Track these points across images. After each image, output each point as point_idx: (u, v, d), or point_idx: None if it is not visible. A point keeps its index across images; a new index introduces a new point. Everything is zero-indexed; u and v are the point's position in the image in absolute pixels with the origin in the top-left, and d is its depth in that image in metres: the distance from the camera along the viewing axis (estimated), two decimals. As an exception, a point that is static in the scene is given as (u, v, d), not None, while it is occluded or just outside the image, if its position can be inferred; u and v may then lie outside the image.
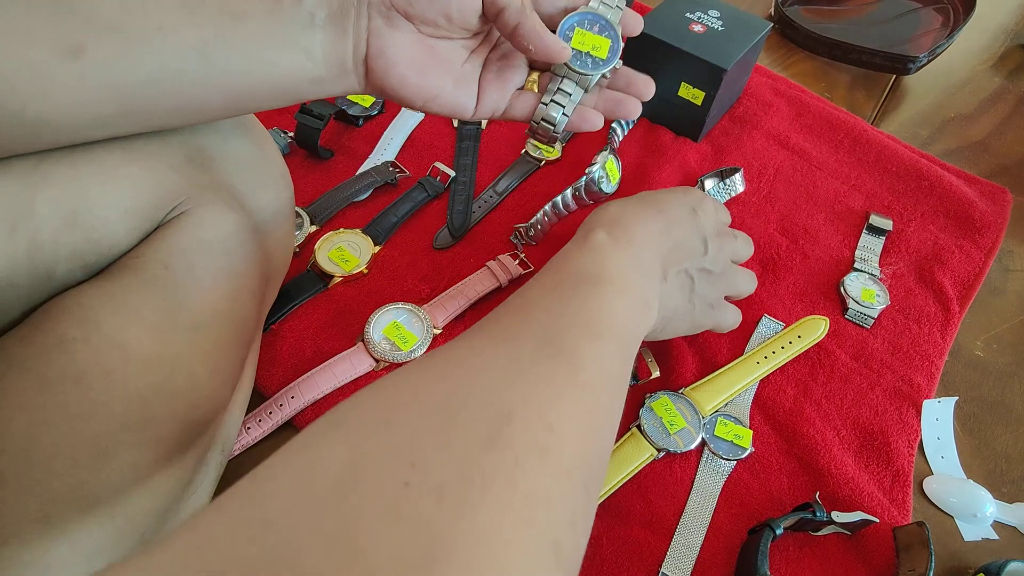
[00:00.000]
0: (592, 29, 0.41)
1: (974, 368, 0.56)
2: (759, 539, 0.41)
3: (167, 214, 0.35)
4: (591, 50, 0.40)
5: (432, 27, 0.36)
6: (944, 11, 0.91)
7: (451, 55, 0.38)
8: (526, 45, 0.37)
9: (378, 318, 0.50)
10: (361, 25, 0.34)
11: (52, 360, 0.29)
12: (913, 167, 0.69)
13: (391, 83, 0.36)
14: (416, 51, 0.36)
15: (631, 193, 0.63)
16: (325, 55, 0.34)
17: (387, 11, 0.34)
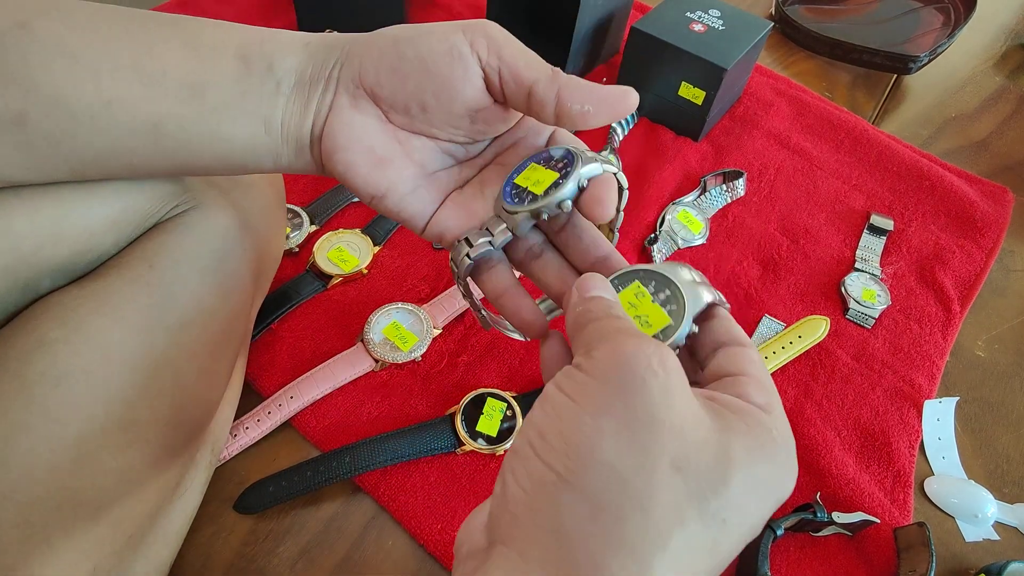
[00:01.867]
0: (551, 165, 0.30)
1: (975, 368, 0.56)
2: (759, 539, 0.41)
3: (158, 219, 0.34)
4: (532, 186, 0.29)
5: (404, 116, 0.30)
6: (945, 10, 0.91)
7: (426, 157, 0.32)
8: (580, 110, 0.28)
9: (378, 318, 0.50)
10: (325, 100, 0.30)
11: (32, 361, 0.29)
12: (914, 167, 0.69)
13: (336, 168, 0.30)
14: (377, 141, 0.30)
15: (631, 192, 0.63)
16: (285, 131, 0.30)
17: (354, 89, 0.29)
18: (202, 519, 0.41)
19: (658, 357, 0.20)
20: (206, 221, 0.35)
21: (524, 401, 0.46)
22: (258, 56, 0.29)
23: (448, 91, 0.29)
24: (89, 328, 0.30)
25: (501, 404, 0.46)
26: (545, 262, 0.31)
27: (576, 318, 0.24)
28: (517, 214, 0.29)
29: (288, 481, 0.42)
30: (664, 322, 0.26)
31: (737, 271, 0.59)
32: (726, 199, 0.65)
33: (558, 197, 0.28)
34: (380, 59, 0.29)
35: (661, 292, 0.27)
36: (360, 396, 0.47)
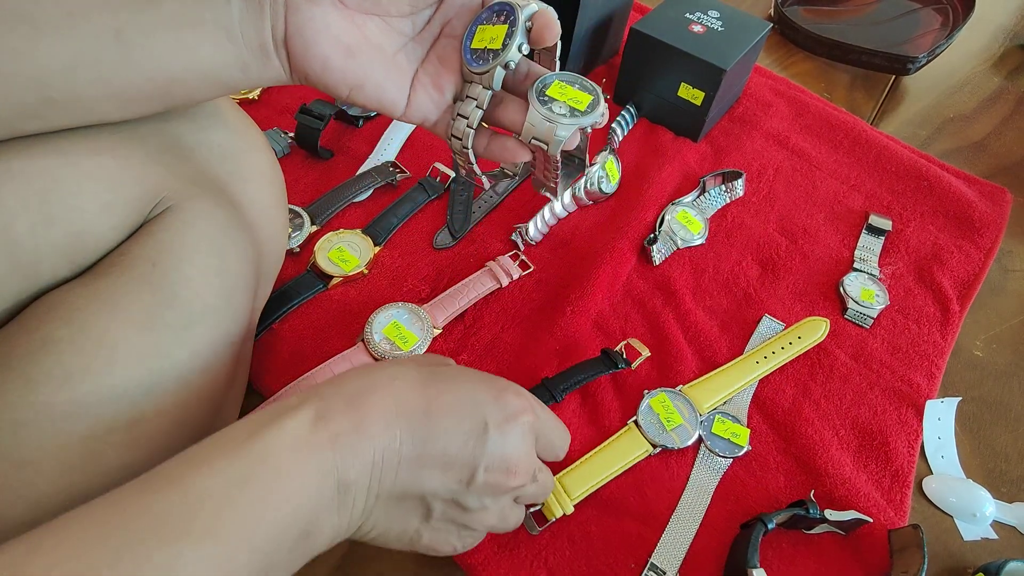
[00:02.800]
0: (494, 21, 0.34)
1: (973, 368, 0.56)
2: (751, 532, 0.41)
3: (153, 208, 0.34)
4: (489, 42, 0.34)
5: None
6: (944, 11, 0.91)
7: (382, 39, 0.33)
8: None
9: (378, 318, 0.50)
10: (278, 1, 0.30)
11: (37, 361, 0.29)
12: (912, 167, 0.69)
13: (312, 67, 0.31)
14: (341, 29, 0.32)
15: (631, 192, 0.63)
16: (245, 35, 0.30)
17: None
18: (203, 518, 0.41)
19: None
20: (205, 218, 0.35)
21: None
22: None
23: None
24: (94, 327, 0.30)
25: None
26: (507, 106, 0.35)
27: None
28: (487, 72, 0.33)
29: None
30: (589, 98, 0.35)
31: (736, 271, 0.59)
32: (725, 199, 0.65)
33: (516, 42, 0.33)
34: None
35: (575, 83, 0.35)
36: (361, 396, 0.47)
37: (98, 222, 0.32)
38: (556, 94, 0.35)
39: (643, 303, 0.56)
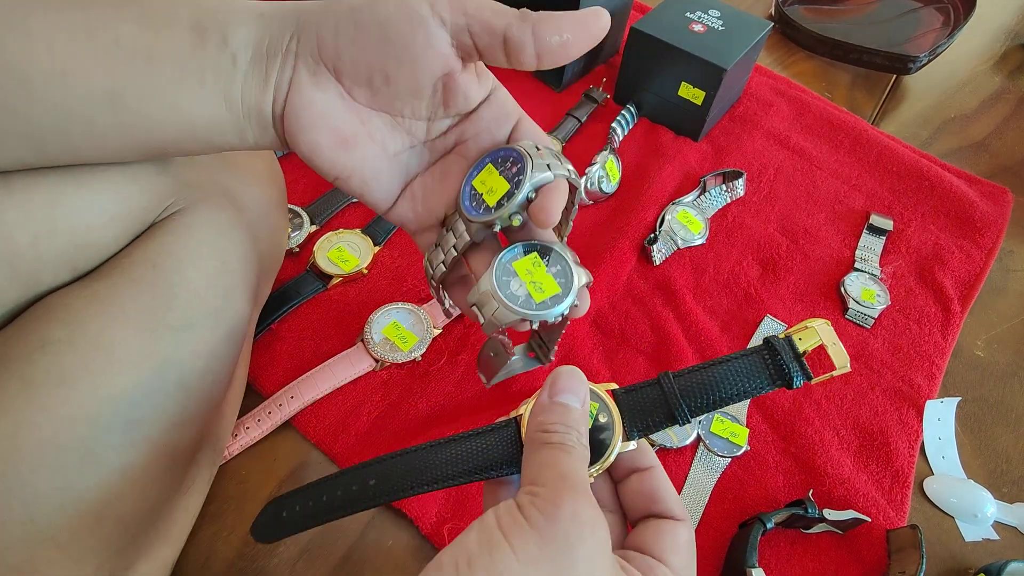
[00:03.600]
0: (503, 169, 0.31)
1: (974, 368, 0.56)
2: (749, 532, 0.41)
3: (158, 216, 0.34)
4: (486, 194, 0.31)
5: (366, 89, 0.29)
6: (944, 11, 0.91)
7: (386, 136, 0.32)
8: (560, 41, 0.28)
9: (378, 318, 0.50)
10: (284, 75, 0.29)
11: (36, 362, 0.29)
12: (913, 167, 0.69)
13: (300, 148, 0.30)
14: (341, 120, 0.30)
15: (631, 192, 0.63)
16: (245, 105, 0.29)
17: (314, 64, 0.29)
18: (203, 518, 0.41)
19: (591, 525, 0.21)
20: (207, 220, 0.35)
21: (627, 400, 0.29)
22: (212, 27, 0.28)
23: (411, 58, 0.28)
24: (93, 328, 0.30)
25: (593, 405, 0.28)
26: (480, 252, 0.33)
27: (538, 427, 0.26)
28: (472, 224, 0.31)
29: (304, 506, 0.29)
30: (555, 290, 0.31)
31: (737, 271, 0.59)
32: (726, 199, 0.65)
33: (509, 210, 0.30)
34: (338, 29, 0.28)
35: (553, 266, 0.32)
36: (360, 396, 0.47)
37: (103, 233, 0.32)
38: (523, 271, 0.31)
39: (643, 303, 0.56)
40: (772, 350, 0.27)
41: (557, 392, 0.26)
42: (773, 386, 0.27)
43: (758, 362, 0.27)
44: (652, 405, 0.28)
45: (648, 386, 0.28)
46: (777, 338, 0.27)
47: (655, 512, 0.27)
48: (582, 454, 0.25)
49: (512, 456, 0.27)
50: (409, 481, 0.27)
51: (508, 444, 0.27)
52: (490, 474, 0.27)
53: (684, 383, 0.28)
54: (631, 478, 0.29)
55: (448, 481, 0.27)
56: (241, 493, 0.43)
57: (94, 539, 0.30)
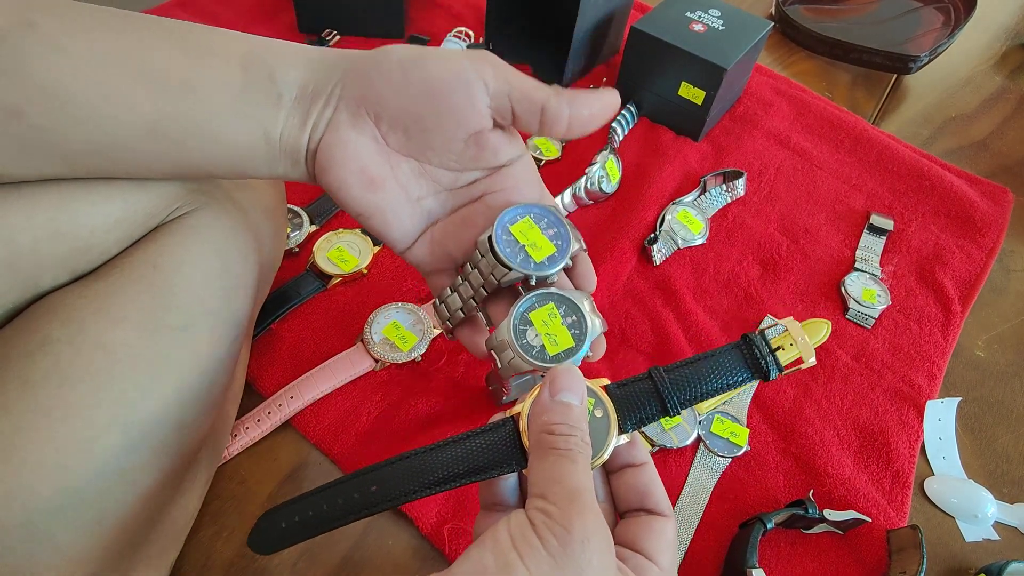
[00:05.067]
0: (544, 227, 0.34)
1: (975, 368, 0.56)
2: (749, 532, 0.41)
3: (163, 219, 0.34)
4: (529, 247, 0.33)
5: (402, 136, 0.31)
6: (945, 10, 0.91)
7: (412, 182, 0.33)
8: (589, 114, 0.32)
9: (377, 318, 0.50)
10: (324, 115, 0.30)
11: (35, 362, 0.29)
12: (914, 167, 0.69)
13: (329, 183, 0.31)
14: (371, 161, 0.31)
15: (631, 192, 0.63)
16: (283, 141, 0.30)
17: (356, 108, 0.30)
18: (203, 518, 0.41)
19: (599, 548, 0.23)
20: (210, 222, 0.35)
21: (620, 394, 0.29)
22: (260, 66, 0.29)
23: (453, 116, 0.31)
24: (92, 329, 0.30)
25: (589, 400, 0.29)
26: (499, 300, 0.35)
27: (543, 428, 0.26)
28: (511, 271, 0.32)
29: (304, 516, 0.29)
30: (568, 343, 0.32)
31: (737, 271, 0.59)
32: (726, 199, 0.65)
33: (551, 272, 0.33)
34: (386, 82, 0.30)
35: (569, 316, 0.33)
36: (360, 396, 0.47)
37: (106, 237, 0.32)
38: (539, 322, 0.33)
39: (643, 303, 0.56)
40: (749, 345, 0.29)
41: (557, 391, 0.27)
42: (752, 378, 0.29)
43: (738, 356, 0.29)
44: (645, 398, 0.29)
45: (640, 380, 0.29)
46: (754, 333, 0.29)
47: (645, 507, 0.29)
48: (586, 460, 0.26)
49: (511, 455, 0.28)
50: (411, 485, 0.27)
51: (507, 443, 0.28)
52: (491, 474, 0.28)
53: (674, 376, 0.29)
54: (624, 472, 0.30)
55: (450, 483, 0.27)
56: (241, 493, 0.43)
57: (93, 540, 0.30)
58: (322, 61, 0.31)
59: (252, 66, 0.29)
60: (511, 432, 0.28)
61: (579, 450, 0.26)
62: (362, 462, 0.44)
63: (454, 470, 0.27)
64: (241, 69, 0.29)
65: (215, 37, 0.30)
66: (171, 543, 0.37)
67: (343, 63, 0.31)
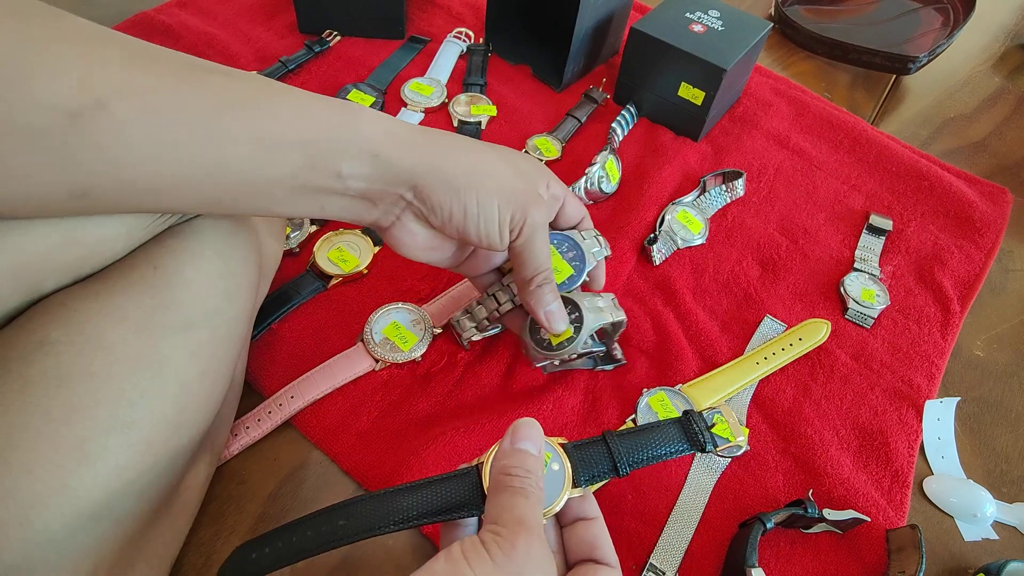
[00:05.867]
0: (564, 252, 0.44)
1: (974, 368, 0.56)
2: (749, 532, 0.41)
3: (168, 223, 0.35)
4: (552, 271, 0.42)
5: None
6: (944, 11, 0.91)
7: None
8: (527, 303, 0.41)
9: (378, 318, 0.50)
10: (392, 212, 0.36)
11: (34, 361, 0.29)
12: (913, 167, 0.69)
13: (397, 249, 0.39)
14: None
15: (631, 192, 0.63)
16: (339, 214, 0.35)
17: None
18: (203, 519, 0.41)
19: (541, 565, 0.26)
20: (212, 223, 0.36)
21: (576, 453, 0.33)
22: (327, 162, 0.32)
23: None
24: (92, 329, 0.30)
25: (548, 454, 0.32)
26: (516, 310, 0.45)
27: (501, 470, 0.30)
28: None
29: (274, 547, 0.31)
30: (568, 335, 0.42)
31: (736, 271, 0.59)
32: (726, 199, 0.65)
33: (570, 290, 0.44)
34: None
35: (572, 314, 0.42)
36: (360, 396, 0.47)
37: (114, 246, 0.33)
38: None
39: (643, 303, 0.56)
40: (688, 423, 0.34)
41: (518, 440, 0.30)
42: (691, 450, 0.33)
43: (679, 430, 0.34)
44: (598, 458, 0.33)
45: (595, 443, 0.33)
46: (694, 412, 0.34)
47: (593, 558, 0.31)
48: (538, 498, 0.29)
49: (472, 500, 0.30)
50: (377, 521, 0.30)
51: (470, 489, 0.31)
52: (452, 515, 0.30)
53: (625, 442, 0.33)
54: (576, 525, 0.33)
55: (413, 521, 0.30)
56: (241, 493, 0.43)
57: (91, 540, 0.30)
58: (389, 161, 0.33)
59: (320, 163, 0.31)
60: (474, 480, 0.31)
61: (532, 490, 0.28)
62: (362, 462, 0.44)
63: (418, 510, 0.30)
64: (309, 166, 0.31)
65: (284, 115, 0.30)
66: (170, 542, 0.37)
67: (406, 176, 0.34)
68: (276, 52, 0.72)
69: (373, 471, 0.44)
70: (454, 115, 0.68)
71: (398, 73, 0.73)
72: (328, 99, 0.33)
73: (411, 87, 0.70)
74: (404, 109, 0.69)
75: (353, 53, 0.74)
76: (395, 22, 0.75)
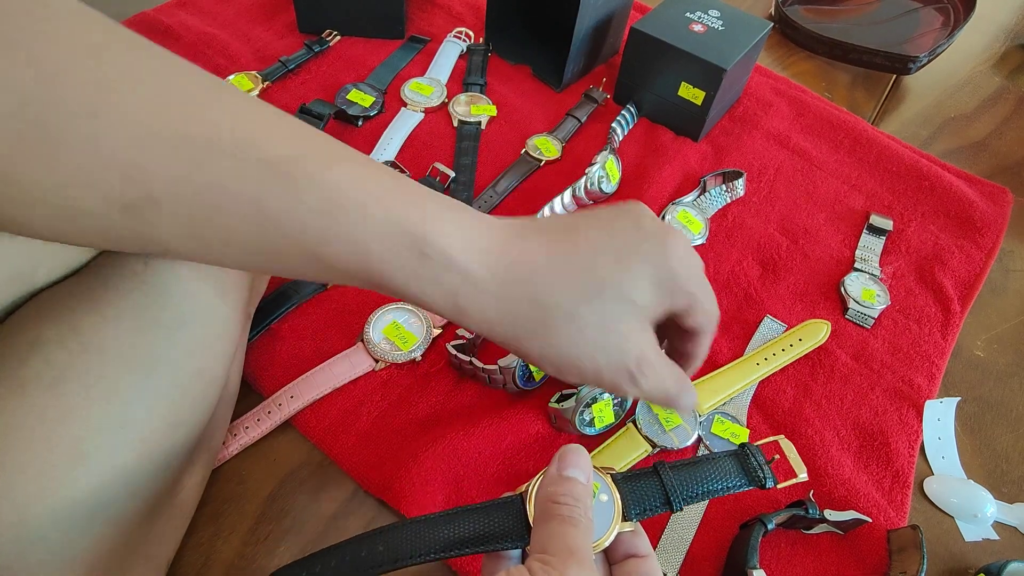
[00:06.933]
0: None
1: (974, 368, 0.56)
2: (750, 533, 0.41)
3: None
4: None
5: None
6: (944, 11, 0.91)
7: None
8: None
9: (378, 318, 0.50)
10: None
11: (26, 361, 0.29)
12: (913, 167, 0.69)
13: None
14: None
15: (631, 192, 0.63)
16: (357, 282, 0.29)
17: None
18: (202, 519, 0.41)
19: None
20: None
21: (627, 486, 0.31)
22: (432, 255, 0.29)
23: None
24: (84, 327, 0.30)
25: (595, 484, 0.30)
26: None
27: (548, 497, 0.28)
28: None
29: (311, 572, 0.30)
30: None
31: (737, 271, 0.59)
32: (726, 199, 0.65)
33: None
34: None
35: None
36: (360, 396, 0.47)
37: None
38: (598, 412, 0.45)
39: (643, 303, 0.56)
40: (745, 457, 0.31)
41: (566, 467, 0.29)
42: (749, 486, 0.31)
43: (736, 464, 0.31)
44: (650, 491, 0.31)
45: (646, 475, 0.31)
46: (750, 444, 0.32)
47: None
48: (587, 528, 0.27)
49: (516, 530, 0.29)
50: (418, 548, 0.28)
51: (513, 518, 0.29)
52: (494, 546, 0.29)
53: (679, 475, 0.31)
54: (627, 563, 0.30)
55: (454, 550, 0.28)
56: (241, 493, 0.43)
57: (86, 541, 0.30)
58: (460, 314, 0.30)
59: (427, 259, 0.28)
60: (518, 508, 0.29)
61: (580, 518, 0.27)
62: (362, 462, 0.44)
63: (460, 537, 0.29)
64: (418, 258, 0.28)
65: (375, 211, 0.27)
66: (167, 543, 0.37)
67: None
68: (276, 52, 0.72)
69: (373, 471, 0.44)
70: (454, 115, 0.68)
71: (398, 73, 0.73)
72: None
73: (411, 87, 0.70)
74: (404, 109, 0.69)
75: (353, 53, 0.74)
76: (395, 22, 0.75)
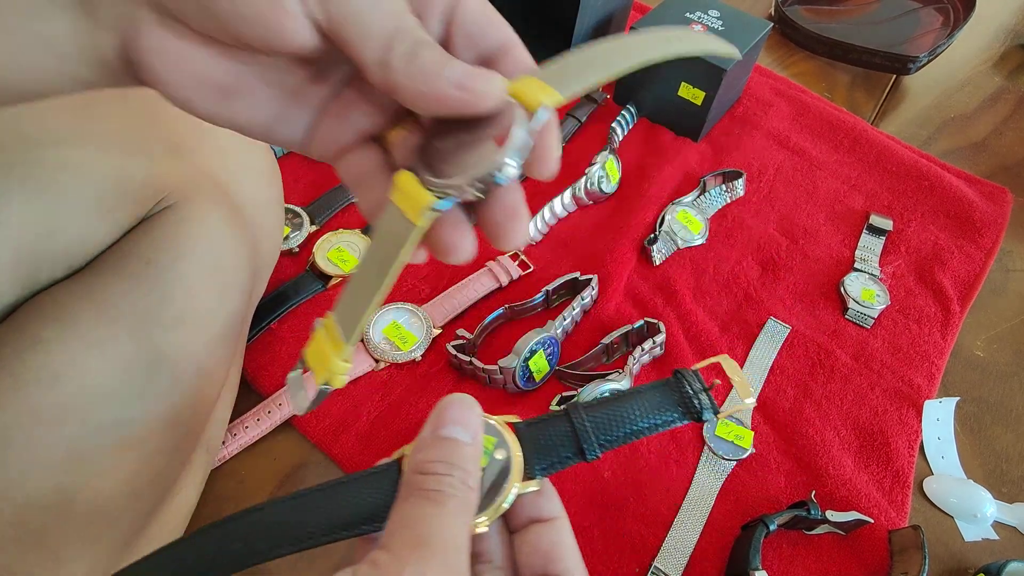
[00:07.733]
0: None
1: (974, 368, 0.56)
2: (752, 534, 0.41)
3: (153, 207, 0.34)
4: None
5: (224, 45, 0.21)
6: (944, 11, 0.91)
7: (274, 75, 0.22)
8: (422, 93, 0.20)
9: (378, 318, 0.50)
10: (115, 10, 0.20)
11: (26, 361, 0.29)
12: (913, 167, 0.69)
13: (172, 101, 0.21)
14: (209, 66, 0.21)
15: (631, 192, 0.63)
16: (78, 50, 0.20)
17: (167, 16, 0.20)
18: (202, 519, 0.41)
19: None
20: (202, 217, 0.35)
21: (529, 433, 0.25)
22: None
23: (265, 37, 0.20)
24: (84, 327, 0.30)
25: (489, 439, 0.24)
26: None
27: (414, 467, 0.21)
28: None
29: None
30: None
31: (736, 271, 0.59)
32: (726, 199, 0.65)
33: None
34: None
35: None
36: (360, 396, 0.47)
37: (100, 228, 0.32)
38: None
39: (643, 303, 0.56)
40: (679, 382, 0.25)
41: (443, 423, 0.22)
42: (683, 419, 0.24)
43: (667, 394, 0.25)
44: (559, 440, 0.24)
45: (555, 418, 0.25)
46: (685, 370, 0.25)
47: (550, 572, 0.23)
48: (462, 504, 0.21)
49: (385, 509, 0.22)
50: (272, 541, 0.22)
51: (387, 493, 0.22)
52: (364, 529, 0.22)
53: (594, 416, 0.24)
54: (530, 529, 0.24)
55: (316, 539, 0.22)
56: (240, 493, 0.43)
57: (84, 540, 0.30)
58: None
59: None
60: (394, 479, 0.22)
61: (452, 493, 0.20)
62: (362, 462, 0.44)
63: (324, 524, 0.22)
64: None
65: None
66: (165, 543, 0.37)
67: None
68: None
69: (373, 471, 0.44)
70: (454, 115, 0.68)
71: (398, 73, 0.73)
72: None
73: (411, 87, 0.70)
74: (404, 109, 0.69)
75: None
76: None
